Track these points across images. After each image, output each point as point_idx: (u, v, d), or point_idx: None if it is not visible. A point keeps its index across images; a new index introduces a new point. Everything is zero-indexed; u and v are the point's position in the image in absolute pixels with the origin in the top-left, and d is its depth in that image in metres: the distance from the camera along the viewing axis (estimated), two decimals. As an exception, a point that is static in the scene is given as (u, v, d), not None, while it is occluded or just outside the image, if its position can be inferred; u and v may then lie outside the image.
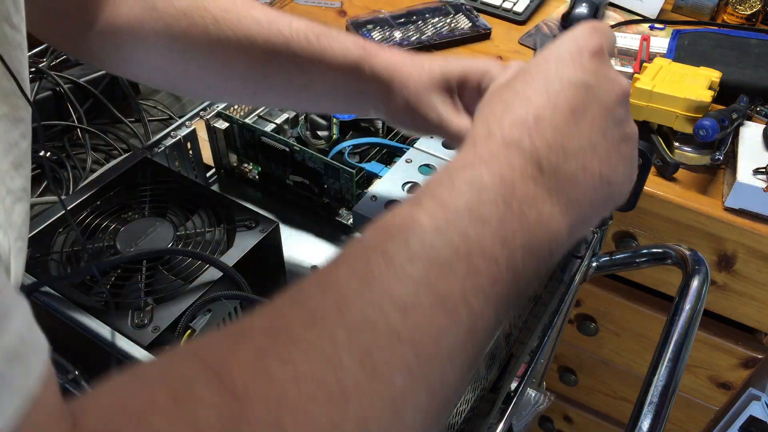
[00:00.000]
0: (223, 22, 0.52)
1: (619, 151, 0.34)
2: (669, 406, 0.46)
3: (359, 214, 0.60)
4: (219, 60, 0.53)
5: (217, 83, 0.56)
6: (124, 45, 0.54)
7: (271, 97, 0.58)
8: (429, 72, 0.49)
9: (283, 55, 0.52)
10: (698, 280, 0.53)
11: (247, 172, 0.80)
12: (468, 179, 0.30)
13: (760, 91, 0.87)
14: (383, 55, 0.51)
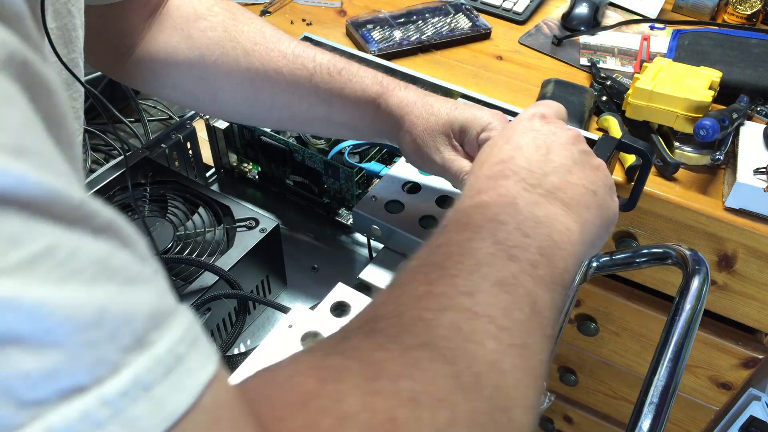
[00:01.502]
0: (253, 54, 0.56)
1: (593, 171, 0.43)
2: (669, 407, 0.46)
3: (359, 214, 0.60)
4: (247, 89, 0.57)
5: (244, 110, 0.60)
6: (160, 70, 0.57)
7: (294, 125, 0.62)
8: (436, 116, 0.53)
9: (306, 88, 0.56)
10: (698, 280, 0.53)
11: (247, 171, 0.80)
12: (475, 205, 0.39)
13: (760, 90, 0.87)
14: (398, 93, 0.55)
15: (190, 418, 0.20)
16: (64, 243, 0.18)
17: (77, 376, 0.18)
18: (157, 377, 0.19)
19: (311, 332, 0.50)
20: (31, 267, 0.17)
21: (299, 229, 0.75)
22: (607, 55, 0.98)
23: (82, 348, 0.18)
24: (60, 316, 0.17)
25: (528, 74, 0.95)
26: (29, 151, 0.18)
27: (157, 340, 0.20)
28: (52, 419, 0.17)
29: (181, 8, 0.57)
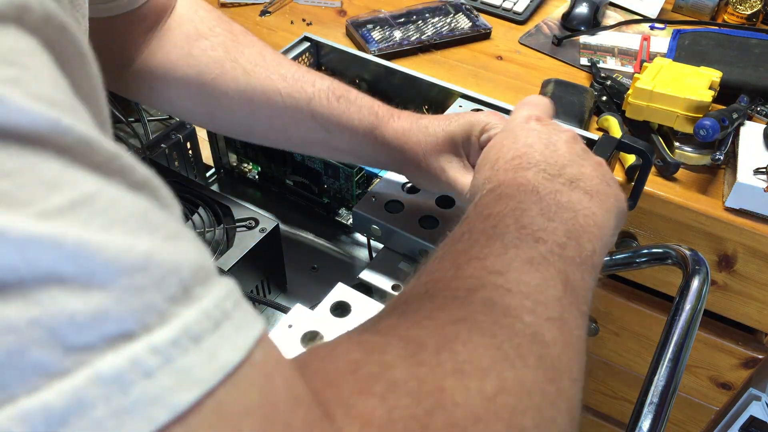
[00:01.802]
0: (252, 74, 0.56)
1: (598, 166, 0.43)
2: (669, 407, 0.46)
3: (359, 214, 0.60)
4: (245, 109, 0.57)
5: (242, 128, 0.60)
6: (158, 85, 0.57)
7: (292, 146, 0.62)
8: (434, 136, 0.53)
9: (303, 112, 0.56)
10: (699, 280, 0.53)
11: (247, 171, 0.80)
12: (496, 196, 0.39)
13: (760, 90, 0.87)
14: (393, 124, 0.55)
15: (243, 372, 0.19)
16: (103, 193, 0.18)
17: (124, 321, 0.17)
18: (206, 330, 0.19)
19: (311, 332, 0.50)
20: (71, 212, 0.17)
21: (299, 229, 0.75)
22: (607, 55, 0.98)
23: (129, 292, 0.17)
24: (104, 258, 0.17)
25: (528, 74, 0.95)
26: (62, 103, 0.18)
27: (202, 295, 0.19)
28: (100, 366, 0.16)
29: (182, 27, 0.57)
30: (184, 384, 0.18)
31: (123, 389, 0.16)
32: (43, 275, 0.16)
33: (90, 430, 0.16)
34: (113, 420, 0.16)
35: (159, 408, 0.17)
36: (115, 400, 0.16)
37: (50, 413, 0.15)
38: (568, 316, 0.32)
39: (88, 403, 0.16)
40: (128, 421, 0.16)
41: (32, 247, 0.16)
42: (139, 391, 0.17)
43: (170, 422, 0.17)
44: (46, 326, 0.16)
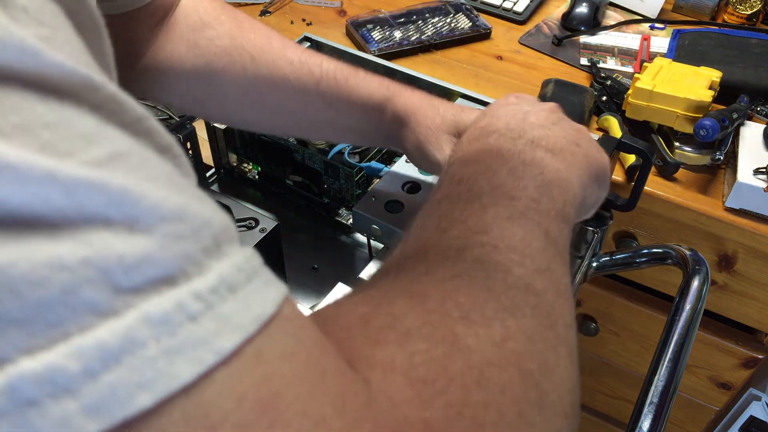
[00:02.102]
0: (259, 60, 0.56)
1: (573, 130, 0.44)
2: (669, 407, 0.46)
3: (359, 214, 0.60)
4: (254, 96, 0.57)
5: (252, 116, 0.60)
6: (168, 79, 0.58)
7: (301, 130, 0.63)
8: (443, 115, 0.53)
9: (312, 94, 0.56)
10: (698, 280, 0.53)
11: (247, 171, 0.80)
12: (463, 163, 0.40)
13: (760, 90, 0.86)
14: (404, 95, 0.55)
15: (276, 322, 0.20)
16: (135, 151, 0.19)
17: (167, 267, 0.18)
18: (240, 282, 0.19)
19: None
20: (110, 164, 0.18)
21: (299, 229, 0.75)
22: (607, 55, 0.98)
23: (170, 239, 0.18)
24: (146, 205, 0.18)
25: (528, 74, 0.95)
26: (90, 64, 0.19)
27: (232, 252, 0.20)
28: (148, 309, 0.17)
29: (188, 18, 0.57)
30: (226, 329, 0.18)
31: (171, 330, 0.17)
32: (90, 218, 0.17)
33: (143, 369, 0.16)
34: (164, 359, 0.17)
35: (206, 350, 0.18)
36: (164, 340, 0.17)
37: (105, 351, 0.16)
38: (554, 266, 0.33)
39: (140, 342, 0.16)
40: (179, 361, 0.17)
41: (79, 191, 0.16)
42: (186, 332, 0.17)
43: (216, 364, 0.18)
44: (98, 266, 0.16)
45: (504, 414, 0.24)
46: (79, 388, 0.15)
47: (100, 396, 0.16)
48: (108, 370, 0.16)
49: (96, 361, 0.16)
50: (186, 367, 0.17)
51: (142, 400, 0.16)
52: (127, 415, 0.16)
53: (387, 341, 0.25)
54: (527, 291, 0.30)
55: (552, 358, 0.28)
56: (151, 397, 0.16)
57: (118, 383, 0.16)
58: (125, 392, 0.16)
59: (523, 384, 0.26)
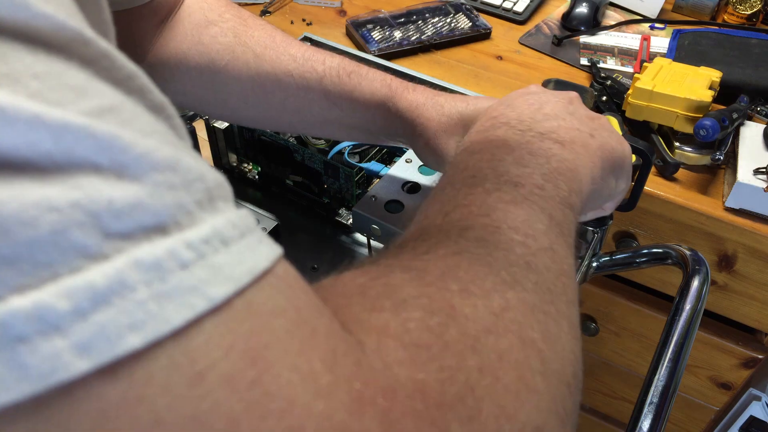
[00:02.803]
0: (263, 57, 0.56)
1: (590, 120, 0.43)
2: (669, 407, 0.46)
3: (359, 214, 0.60)
4: (257, 93, 0.57)
5: (255, 113, 0.60)
6: (171, 77, 0.58)
7: (305, 128, 0.63)
8: (448, 115, 0.53)
9: (316, 91, 0.56)
10: (698, 280, 0.53)
11: (247, 172, 0.80)
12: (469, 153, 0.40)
13: (760, 90, 0.87)
14: (407, 96, 0.54)
15: (269, 279, 0.20)
16: (127, 107, 0.19)
17: (159, 215, 0.18)
18: (233, 236, 0.19)
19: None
20: (100, 115, 0.18)
21: (299, 229, 0.75)
22: (607, 55, 0.98)
23: (162, 188, 0.18)
24: (136, 152, 0.18)
25: (528, 74, 0.95)
26: (82, 20, 0.19)
27: (226, 209, 0.20)
28: (139, 253, 0.17)
29: (192, 15, 0.57)
30: (218, 279, 0.18)
31: (162, 276, 0.17)
32: (79, 163, 0.17)
33: (133, 312, 0.16)
34: (154, 303, 0.17)
35: (197, 297, 0.18)
36: (155, 285, 0.17)
37: (94, 291, 0.16)
38: (556, 246, 0.33)
39: (129, 285, 0.17)
40: (169, 306, 0.17)
41: (67, 136, 0.16)
42: (177, 279, 0.17)
43: (207, 312, 0.18)
44: (87, 209, 0.16)
45: (501, 378, 0.24)
46: (69, 326, 0.16)
47: (90, 335, 0.16)
48: (97, 311, 0.16)
49: (85, 301, 0.16)
50: (176, 311, 0.17)
51: (132, 341, 0.16)
52: (116, 354, 0.16)
53: (383, 308, 0.25)
54: (528, 268, 0.30)
55: (554, 329, 0.28)
56: (141, 339, 0.16)
57: (107, 323, 0.16)
58: (115, 332, 0.16)
59: (524, 350, 0.26)
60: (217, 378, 0.18)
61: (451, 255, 0.30)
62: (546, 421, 0.25)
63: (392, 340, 0.23)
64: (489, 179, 0.36)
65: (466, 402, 0.23)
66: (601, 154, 0.42)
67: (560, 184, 0.37)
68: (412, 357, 0.23)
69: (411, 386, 0.22)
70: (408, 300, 0.26)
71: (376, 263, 0.30)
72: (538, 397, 0.25)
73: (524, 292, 0.29)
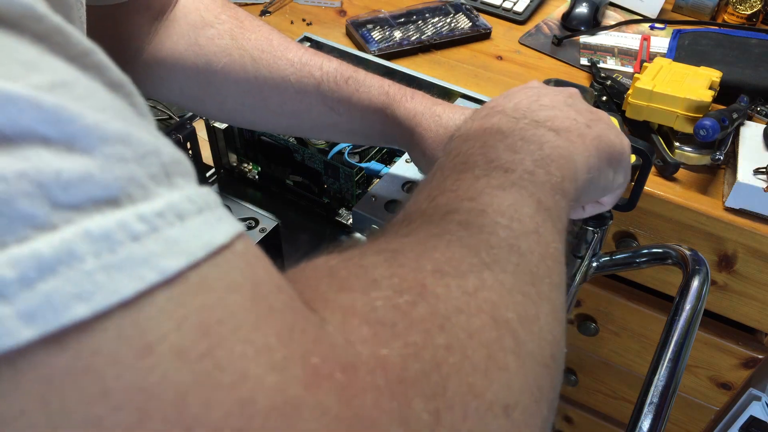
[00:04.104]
0: (260, 61, 0.56)
1: (588, 112, 0.43)
2: (669, 407, 0.46)
3: (359, 214, 0.60)
4: (254, 96, 0.57)
5: (252, 116, 0.60)
6: (167, 76, 0.57)
7: (302, 131, 0.63)
8: (445, 126, 0.53)
9: (313, 96, 0.56)
10: (699, 280, 0.53)
11: (247, 172, 0.80)
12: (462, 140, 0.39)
13: (760, 90, 0.87)
14: (405, 104, 0.55)
15: (226, 255, 0.20)
16: (81, 83, 0.18)
17: (109, 187, 0.17)
18: (190, 211, 0.19)
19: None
20: (50, 89, 0.17)
21: (299, 229, 0.75)
22: (607, 55, 0.98)
23: (112, 160, 0.18)
24: (85, 124, 0.17)
25: (528, 74, 0.95)
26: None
27: (184, 185, 0.20)
28: (88, 224, 0.17)
29: (188, 16, 0.57)
30: (171, 252, 0.18)
31: (111, 248, 0.17)
32: (25, 133, 0.16)
33: (80, 282, 0.16)
34: (103, 274, 0.17)
35: (147, 269, 0.17)
36: (104, 256, 0.17)
37: (40, 260, 0.16)
38: (543, 230, 0.32)
39: (77, 256, 0.16)
40: (118, 276, 0.17)
41: (11, 105, 0.16)
42: (128, 251, 0.17)
43: (158, 284, 0.18)
44: (34, 180, 0.16)
45: (469, 356, 0.24)
46: (15, 293, 0.16)
47: (35, 303, 0.16)
48: (43, 280, 0.16)
49: (32, 270, 0.16)
50: (125, 282, 0.17)
51: (78, 311, 0.16)
52: (62, 323, 0.16)
53: (351, 288, 0.25)
54: (510, 250, 0.30)
55: (532, 310, 0.28)
56: (88, 309, 0.16)
57: (53, 292, 0.16)
58: (61, 301, 0.16)
59: (497, 330, 0.26)
60: (166, 350, 0.17)
61: (430, 237, 0.30)
62: (517, 400, 0.25)
63: (357, 318, 0.23)
64: (479, 165, 0.36)
65: (430, 378, 0.23)
66: (598, 144, 0.41)
67: (552, 170, 0.36)
68: (376, 334, 0.23)
69: (372, 362, 0.22)
70: (378, 280, 0.26)
71: (352, 246, 0.29)
72: (509, 376, 0.25)
73: (503, 273, 0.28)
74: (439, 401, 0.22)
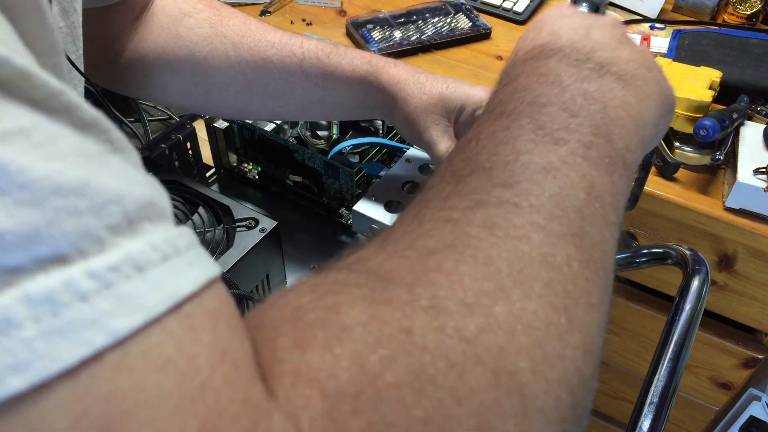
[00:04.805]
0: (241, 46, 0.57)
1: (641, 51, 0.36)
2: (669, 407, 0.46)
3: (359, 214, 0.60)
4: (239, 81, 0.58)
5: (238, 103, 0.60)
6: (151, 72, 0.58)
7: (287, 112, 0.63)
8: (429, 94, 0.54)
9: (296, 74, 0.57)
10: (699, 280, 0.53)
11: (247, 172, 0.80)
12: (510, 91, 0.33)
13: (760, 90, 0.86)
14: (389, 70, 0.56)
15: (187, 309, 0.18)
16: (42, 128, 0.17)
17: (58, 244, 0.16)
18: (152, 261, 0.18)
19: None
20: (3, 140, 0.16)
21: (299, 229, 0.75)
22: (607, 55, 0.98)
23: (63, 214, 0.16)
24: (35, 175, 0.16)
25: (528, 74, 0.95)
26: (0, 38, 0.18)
27: (150, 231, 0.18)
28: (29, 287, 0.16)
29: (166, 9, 0.57)
30: (125, 309, 0.17)
31: (54, 311, 0.16)
32: None
33: (19, 350, 0.15)
34: (43, 341, 0.15)
35: (95, 331, 0.16)
36: (45, 321, 0.16)
37: None
38: (590, 229, 0.27)
39: (14, 323, 0.15)
40: (61, 343, 0.16)
41: None
42: (73, 313, 0.16)
43: (109, 346, 0.16)
44: None
45: (453, 431, 0.20)
46: None
47: None
48: None
49: None
50: (70, 348, 0.16)
51: (14, 383, 0.15)
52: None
53: (312, 343, 0.21)
54: (542, 263, 0.25)
55: (555, 349, 0.23)
56: (25, 380, 0.15)
57: None
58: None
59: (496, 389, 0.21)
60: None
61: (440, 250, 0.25)
62: None
63: (311, 388, 0.19)
64: (525, 132, 0.29)
65: None
66: (659, 91, 0.35)
67: (615, 139, 0.30)
68: (331, 411, 0.19)
69: None
70: (350, 327, 0.21)
71: (337, 269, 0.25)
72: None
73: (524, 300, 0.23)
74: None
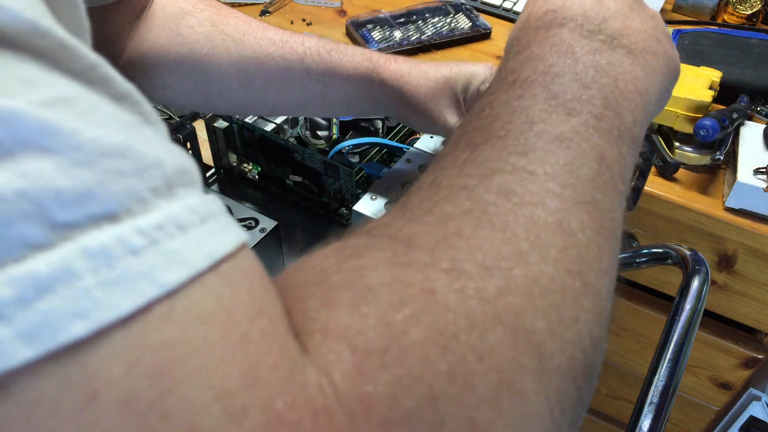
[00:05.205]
0: (242, 43, 0.57)
1: (652, 18, 0.36)
2: (669, 407, 0.46)
3: (359, 214, 0.60)
4: (240, 78, 0.58)
5: (237, 100, 0.61)
6: (152, 71, 0.58)
7: (289, 109, 0.63)
8: (434, 80, 0.55)
9: (298, 71, 0.57)
10: (699, 280, 0.53)
11: (247, 172, 0.80)
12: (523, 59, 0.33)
13: (760, 90, 0.87)
14: (390, 66, 0.56)
15: (225, 268, 0.19)
16: (83, 97, 0.18)
17: (108, 202, 0.17)
18: (192, 222, 0.19)
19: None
20: (50, 105, 0.17)
21: (299, 229, 0.75)
22: (607, 55, 0.98)
23: (111, 175, 0.18)
24: (84, 139, 0.17)
25: (528, 74, 0.95)
26: (40, 10, 0.18)
27: (187, 195, 0.19)
28: (86, 241, 0.17)
29: (166, 8, 0.58)
30: (172, 264, 0.18)
31: (109, 264, 0.17)
32: (24, 147, 0.16)
33: (78, 299, 0.16)
34: (101, 290, 0.17)
35: (147, 283, 0.17)
36: (102, 272, 0.17)
37: (37, 280, 0.16)
38: (601, 197, 0.28)
39: (75, 274, 0.16)
40: (116, 292, 0.17)
41: (10, 120, 0.16)
42: (126, 266, 0.17)
43: (159, 297, 0.17)
44: (33, 199, 0.16)
45: (475, 385, 0.21)
46: (13, 314, 0.16)
47: (33, 323, 0.16)
48: (41, 299, 0.16)
49: (29, 289, 0.16)
50: (125, 298, 0.17)
51: (77, 329, 0.16)
52: (61, 342, 0.16)
53: (339, 302, 0.22)
54: (558, 229, 0.25)
55: (570, 311, 0.24)
56: (87, 326, 0.16)
57: (51, 311, 0.16)
58: (59, 320, 0.16)
59: (515, 347, 0.22)
60: (112, 399, 0.16)
61: (457, 215, 0.25)
62: (529, 428, 0.22)
63: (340, 344, 0.20)
64: (537, 102, 0.30)
65: (423, 416, 0.20)
66: (666, 63, 0.35)
67: (624, 113, 0.31)
68: (361, 365, 0.20)
69: (352, 403, 0.19)
70: (375, 288, 0.22)
71: (358, 234, 0.26)
72: (524, 403, 0.22)
73: (541, 264, 0.24)
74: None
